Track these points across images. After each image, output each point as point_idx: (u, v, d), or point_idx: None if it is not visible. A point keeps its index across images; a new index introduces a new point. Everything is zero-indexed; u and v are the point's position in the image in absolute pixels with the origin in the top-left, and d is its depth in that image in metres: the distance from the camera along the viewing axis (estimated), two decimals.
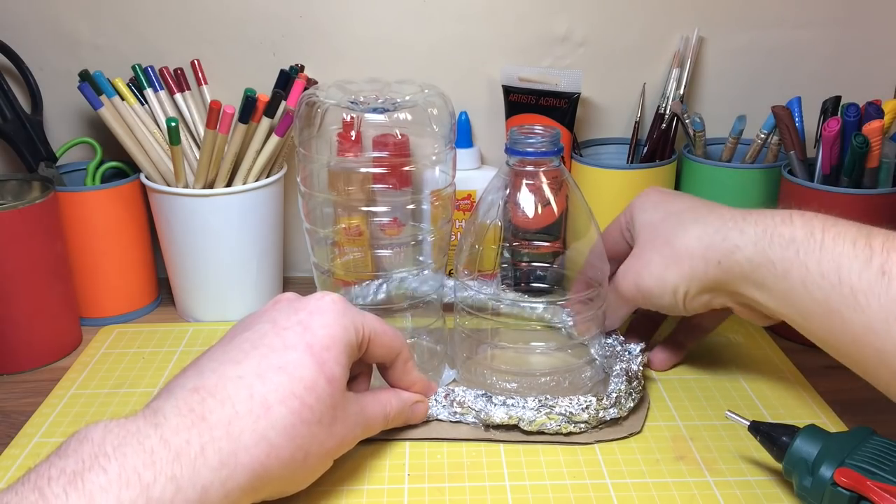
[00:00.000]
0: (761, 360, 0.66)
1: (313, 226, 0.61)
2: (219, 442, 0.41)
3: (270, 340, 0.46)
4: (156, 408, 0.42)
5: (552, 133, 0.57)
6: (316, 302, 0.49)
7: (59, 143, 0.76)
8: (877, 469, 0.45)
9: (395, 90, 0.60)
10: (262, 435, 0.43)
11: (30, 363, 0.67)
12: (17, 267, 0.64)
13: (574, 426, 0.55)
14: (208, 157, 0.69)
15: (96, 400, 0.61)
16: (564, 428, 0.55)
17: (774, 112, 0.70)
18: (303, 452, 0.45)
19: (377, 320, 0.52)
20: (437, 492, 0.50)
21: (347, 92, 0.59)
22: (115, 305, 0.75)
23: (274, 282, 0.78)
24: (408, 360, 0.54)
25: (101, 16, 0.75)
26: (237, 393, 0.43)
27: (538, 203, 0.58)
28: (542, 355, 0.63)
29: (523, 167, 0.58)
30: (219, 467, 0.41)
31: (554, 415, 0.54)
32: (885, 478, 0.44)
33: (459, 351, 0.63)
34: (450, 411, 0.56)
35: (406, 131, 0.58)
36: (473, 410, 0.56)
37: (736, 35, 0.79)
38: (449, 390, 0.57)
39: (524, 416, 0.54)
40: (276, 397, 0.44)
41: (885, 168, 0.65)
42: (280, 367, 0.45)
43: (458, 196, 0.73)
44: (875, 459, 0.45)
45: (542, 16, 0.77)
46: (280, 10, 0.76)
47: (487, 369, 0.61)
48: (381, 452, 0.54)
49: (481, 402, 0.56)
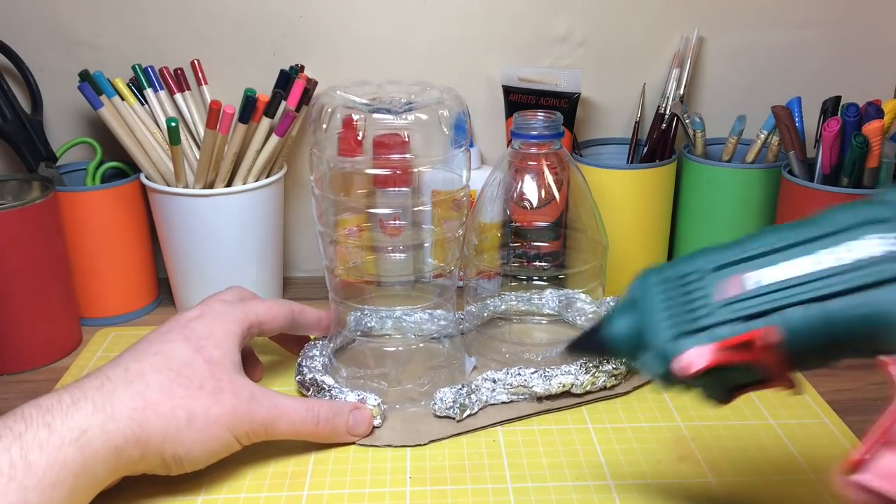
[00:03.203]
0: None
1: (326, 228, 0.61)
2: (91, 396, 0.46)
3: (151, 339, 0.52)
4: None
5: (554, 117, 0.61)
6: (193, 311, 0.55)
7: (59, 143, 0.76)
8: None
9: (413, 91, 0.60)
10: (137, 391, 0.47)
11: (30, 363, 0.66)
12: (17, 267, 0.64)
13: (615, 379, 0.60)
14: (208, 157, 0.69)
15: None
16: (609, 383, 0.60)
17: (774, 112, 0.70)
18: (185, 412, 0.48)
19: (258, 300, 0.58)
20: (439, 494, 0.50)
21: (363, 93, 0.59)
22: (115, 305, 0.75)
23: (274, 282, 0.78)
24: (302, 308, 0.61)
25: (101, 16, 0.75)
26: (112, 370, 0.48)
27: (541, 188, 0.60)
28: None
29: (528, 150, 0.59)
30: (93, 412, 0.45)
31: (600, 373, 0.59)
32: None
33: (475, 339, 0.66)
34: (508, 394, 0.59)
35: (416, 133, 0.58)
36: (525, 388, 0.59)
37: (736, 35, 0.79)
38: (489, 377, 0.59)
39: (576, 382, 0.59)
40: (151, 370, 0.49)
41: (885, 168, 0.65)
42: (156, 353, 0.50)
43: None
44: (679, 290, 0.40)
45: (542, 16, 0.77)
46: (280, 9, 0.76)
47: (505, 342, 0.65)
48: (382, 456, 0.54)
49: (532, 378, 0.59)
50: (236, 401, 0.50)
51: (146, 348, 0.51)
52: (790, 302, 0.36)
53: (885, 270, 0.34)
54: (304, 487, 0.51)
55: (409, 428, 0.57)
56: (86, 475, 0.44)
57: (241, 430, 0.50)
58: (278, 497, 0.50)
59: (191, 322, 0.53)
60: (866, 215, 0.36)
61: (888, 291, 0.34)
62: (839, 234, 0.36)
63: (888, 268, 0.34)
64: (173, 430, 0.47)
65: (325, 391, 0.58)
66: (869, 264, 0.35)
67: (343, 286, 0.64)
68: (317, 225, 0.62)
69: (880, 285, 0.34)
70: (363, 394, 0.57)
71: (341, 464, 0.53)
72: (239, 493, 0.51)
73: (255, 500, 0.50)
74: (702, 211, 0.75)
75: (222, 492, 0.51)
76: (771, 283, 0.37)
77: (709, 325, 0.39)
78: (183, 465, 0.49)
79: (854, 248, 0.35)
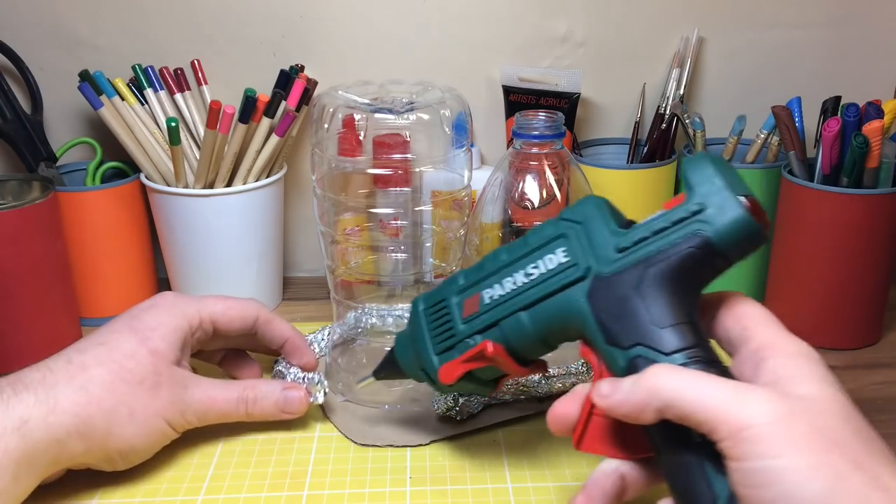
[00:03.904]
0: None
1: (327, 228, 0.61)
2: (34, 390, 0.46)
3: (99, 331, 0.53)
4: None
5: (556, 117, 0.61)
6: (147, 301, 0.55)
7: (59, 143, 0.76)
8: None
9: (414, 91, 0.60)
10: (80, 386, 0.48)
11: (30, 363, 0.66)
12: (17, 267, 0.63)
13: None
14: (208, 157, 0.69)
15: None
16: None
17: (774, 112, 0.70)
18: (126, 408, 0.49)
19: (219, 299, 0.57)
20: (439, 494, 0.50)
21: (365, 93, 0.59)
22: (115, 305, 0.74)
23: (274, 282, 0.78)
24: (270, 320, 0.59)
25: (101, 16, 0.75)
26: (54, 362, 0.49)
27: (542, 188, 0.60)
28: None
29: (529, 149, 0.59)
30: (35, 404, 0.46)
31: None
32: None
33: None
34: (508, 394, 0.59)
35: (417, 133, 0.58)
36: (526, 388, 0.59)
37: (736, 35, 0.79)
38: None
39: (577, 382, 0.58)
40: (94, 362, 0.49)
41: (885, 168, 0.65)
42: (101, 343, 0.51)
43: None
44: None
45: (542, 16, 0.77)
46: (280, 9, 0.76)
47: None
48: (382, 456, 0.54)
49: (533, 378, 0.59)
50: (172, 395, 0.51)
51: (92, 339, 0.52)
52: (508, 312, 0.45)
53: (567, 276, 0.42)
54: (304, 487, 0.51)
55: (410, 428, 0.57)
56: (27, 463, 0.45)
57: (176, 422, 0.52)
58: (278, 497, 0.50)
59: (141, 313, 0.54)
60: (553, 232, 0.44)
61: (570, 292, 0.42)
62: (538, 250, 0.44)
63: (568, 273, 0.42)
64: (116, 426, 0.48)
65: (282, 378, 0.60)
66: (556, 273, 0.43)
67: (344, 286, 0.64)
68: (318, 225, 0.62)
69: (565, 288, 0.42)
70: (315, 375, 0.58)
71: (341, 464, 0.54)
72: (239, 493, 0.51)
73: (255, 500, 0.50)
74: None
75: (222, 492, 0.51)
76: (495, 299, 0.45)
77: (457, 342, 0.47)
78: (129, 458, 0.50)
79: (547, 261, 0.43)
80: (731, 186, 0.39)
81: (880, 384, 0.64)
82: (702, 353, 0.38)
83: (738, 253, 0.39)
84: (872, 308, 0.69)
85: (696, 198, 0.39)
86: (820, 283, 0.68)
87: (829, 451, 0.33)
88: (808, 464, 0.32)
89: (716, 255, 0.39)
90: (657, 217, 0.40)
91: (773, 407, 0.34)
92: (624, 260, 0.41)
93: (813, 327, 0.69)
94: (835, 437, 0.33)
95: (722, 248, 0.39)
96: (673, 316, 0.39)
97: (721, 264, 0.40)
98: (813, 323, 0.69)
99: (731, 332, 0.40)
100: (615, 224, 0.42)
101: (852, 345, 0.69)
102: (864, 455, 0.33)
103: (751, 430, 0.33)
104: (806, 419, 0.34)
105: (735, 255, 0.39)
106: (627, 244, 0.41)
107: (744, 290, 0.75)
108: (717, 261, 0.39)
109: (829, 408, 0.35)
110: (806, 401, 0.35)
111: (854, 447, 0.33)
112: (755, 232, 0.39)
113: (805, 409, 0.34)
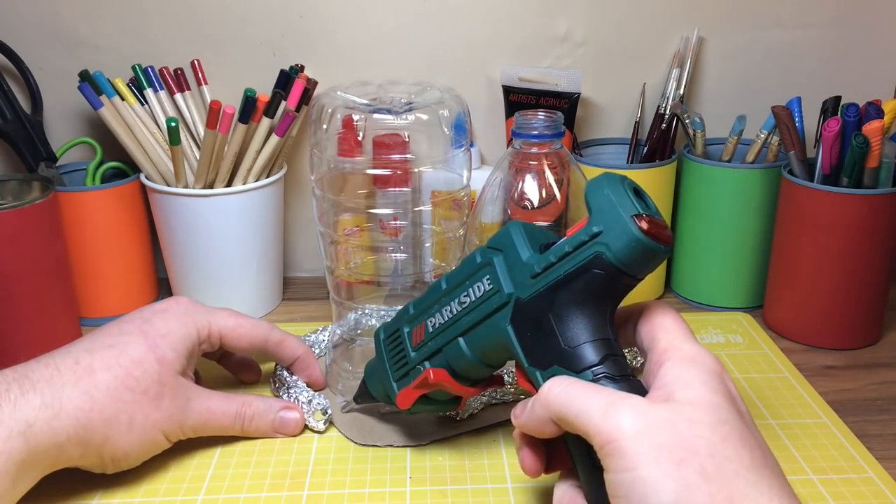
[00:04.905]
0: (761, 360, 0.66)
1: (327, 228, 0.61)
2: (41, 390, 0.46)
3: (109, 329, 0.52)
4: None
5: (555, 116, 0.61)
6: (161, 304, 0.55)
7: (59, 143, 0.76)
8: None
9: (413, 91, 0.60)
10: (85, 391, 0.48)
11: None
12: (17, 267, 0.63)
13: None
14: (208, 158, 0.69)
15: None
16: None
17: (774, 112, 0.70)
18: (126, 416, 0.49)
19: (231, 315, 0.57)
20: (439, 494, 0.50)
21: (364, 93, 0.59)
22: (115, 305, 0.75)
23: (274, 282, 0.78)
24: (281, 340, 0.59)
25: (101, 16, 0.75)
26: (63, 361, 0.49)
27: (542, 188, 0.60)
28: None
29: (529, 149, 0.59)
30: (41, 407, 0.46)
31: None
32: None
33: None
34: (508, 394, 0.59)
35: (416, 133, 0.58)
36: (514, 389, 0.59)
37: (736, 35, 0.79)
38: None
39: None
40: (101, 365, 0.49)
41: (885, 168, 0.65)
42: (110, 346, 0.50)
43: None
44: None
45: (542, 16, 0.77)
46: (280, 9, 0.76)
47: None
48: (382, 456, 0.54)
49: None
50: (173, 407, 0.51)
51: (102, 339, 0.51)
52: (449, 339, 0.47)
53: (492, 303, 0.45)
54: (304, 487, 0.51)
55: (409, 428, 0.57)
56: (29, 466, 0.45)
57: (172, 433, 0.52)
58: (278, 497, 0.50)
59: (153, 316, 0.53)
60: (481, 261, 0.46)
61: (496, 318, 0.44)
62: (469, 279, 0.47)
63: (493, 301, 0.45)
64: (114, 434, 0.49)
65: (284, 387, 0.60)
66: (483, 300, 0.45)
67: (344, 286, 0.64)
68: (317, 225, 0.62)
69: (491, 315, 0.45)
70: (316, 397, 0.58)
71: (341, 464, 0.54)
72: (239, 493, 0.51)
73: (255, 500, 0.50)
74: (702, 211, 0.75)
75: (222, 492, 0.51)
76: (437, 327, 0.48)
77: (410, 370, 0.50)
78: (120, 464, 0.50)
79: (476, 289, 0.46)
80: (624, 207, 0.40)
81: (880, 384, 0.64)
82: (611, 366, 0.40)
83: (640, 270, 0.41)
84: (872, 308, 0.69)
85: (593, 221, 0.41)
86: (820, 283, 0.68)
87: (680, 463, 0.34)
88: (658, 475, 0.34)
89: (619, 274, 0.40)
90: (563, 241, 0.42)
91: (636, 419, 0.35)
92: (537, 285, 0.42)
93: (813, 327, 0.69)
94: (692, 448, 0.34)
95: (623, 268, 0.40)
96: (585, 334, 0.41)
97: (627, 281, 0.41)
98: (813, 323, 0.69)
99: (643, 340, 0.42)
100: (531, 249, 0.44)
101: (852, 345, 0.69)
102: (717, 466, 0.34)
103: (614, 442, 0.35)
104: (668, 430, 0.35)
105: (638, 272, 0.41)
106: (539, 269, 0.42)
107: (743, 291, 0.76)
108: (622, 278, 0.41)
109: (700, 416, 0.36)
110: (680, 406, 0.36)
111: (710, 458, 0.34)
112: (650, 250, 0.40)
113: (670, 420, 0.35)
